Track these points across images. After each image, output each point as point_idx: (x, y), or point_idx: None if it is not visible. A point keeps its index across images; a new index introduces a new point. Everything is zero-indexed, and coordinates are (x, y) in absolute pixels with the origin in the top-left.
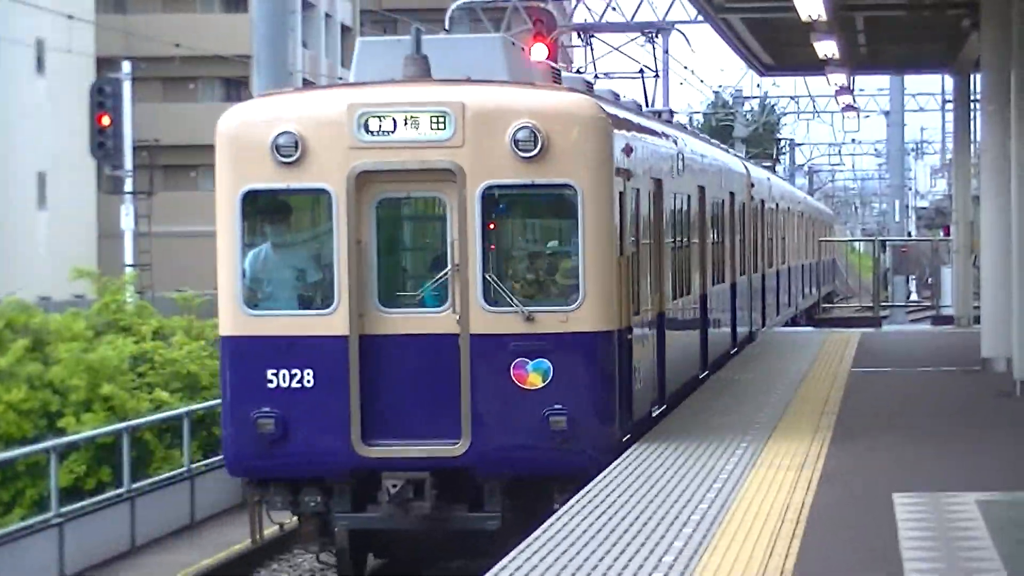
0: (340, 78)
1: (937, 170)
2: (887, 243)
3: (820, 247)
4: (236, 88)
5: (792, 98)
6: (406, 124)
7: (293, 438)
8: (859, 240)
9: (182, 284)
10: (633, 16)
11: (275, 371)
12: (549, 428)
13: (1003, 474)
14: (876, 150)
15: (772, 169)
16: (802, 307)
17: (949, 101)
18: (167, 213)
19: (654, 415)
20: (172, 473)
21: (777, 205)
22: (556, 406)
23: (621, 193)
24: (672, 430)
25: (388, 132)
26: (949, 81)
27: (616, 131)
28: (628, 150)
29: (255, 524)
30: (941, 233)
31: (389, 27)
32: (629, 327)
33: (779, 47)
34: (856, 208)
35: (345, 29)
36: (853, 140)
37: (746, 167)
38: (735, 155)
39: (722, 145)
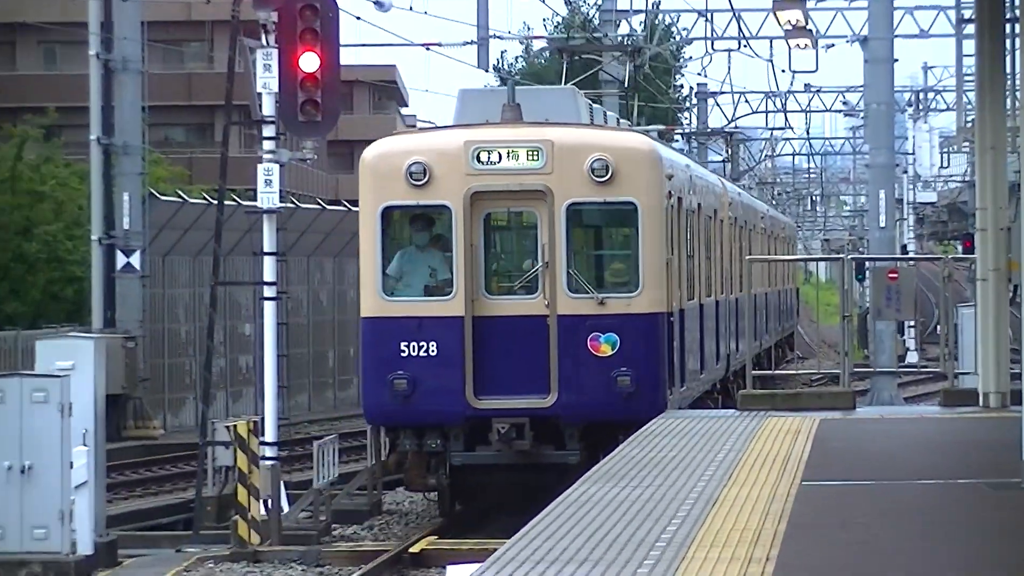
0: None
1: (951, 138)
2: (865, 264)
3: (774, 271)
4: None
5: (702, 14)
6: (508, 156)
7: (420, 394)
8: (817, 259)
9: None
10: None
11: (407, 343)
12: (616, 386)
13: None
14: (846, 103)
15: (666, 139)
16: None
17: (967, 21)
18: None
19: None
20: None
21: (747, 222)
22: (622, 369)
23: (667, 209)
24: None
25: (495, 162)
26: None
27: (663, 161)
28: (669, 176)
29: (379, 457)
30: (959, 248)
31: None
32: (671, 312)
33: None
34: (813, 203)
35: None
36: (807, 87)
37: (723, 183)
38: (712, 172)
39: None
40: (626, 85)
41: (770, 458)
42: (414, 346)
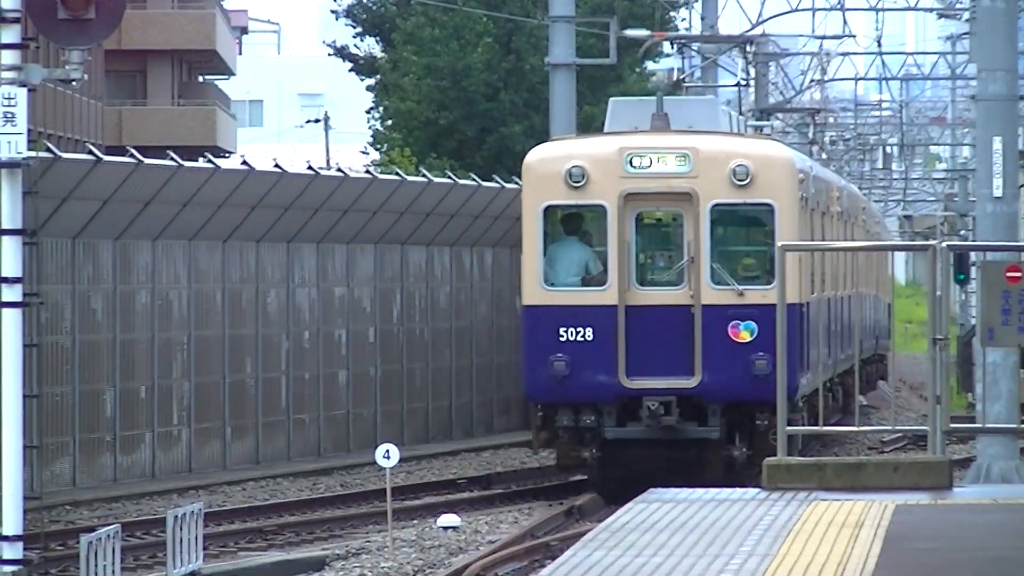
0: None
1: None
2: (969, 256)
3: (851, 271)
4: None
5: None
6: (658, 161)
7: (577, 375)
8: (891, 247)
9: None
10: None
11: (565, 329)
12: (754, 369)
13: None
14: None
15: (652, 52)
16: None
17: None
18: None
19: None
20: None
21: (851, 215)
22: (759, 354)
23: (800, 209)
24: None
25: (646, 167)
26: None
27: (797, 166)
28: (802, 180)
29: (537, 437)
30: None
31: None
32: (803, 304)
33: None
34: (887, 158)
35: None
36: None
37: (829, 175)
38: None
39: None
40: (741, 81)
41: (812, 570)
42: (572, 331)
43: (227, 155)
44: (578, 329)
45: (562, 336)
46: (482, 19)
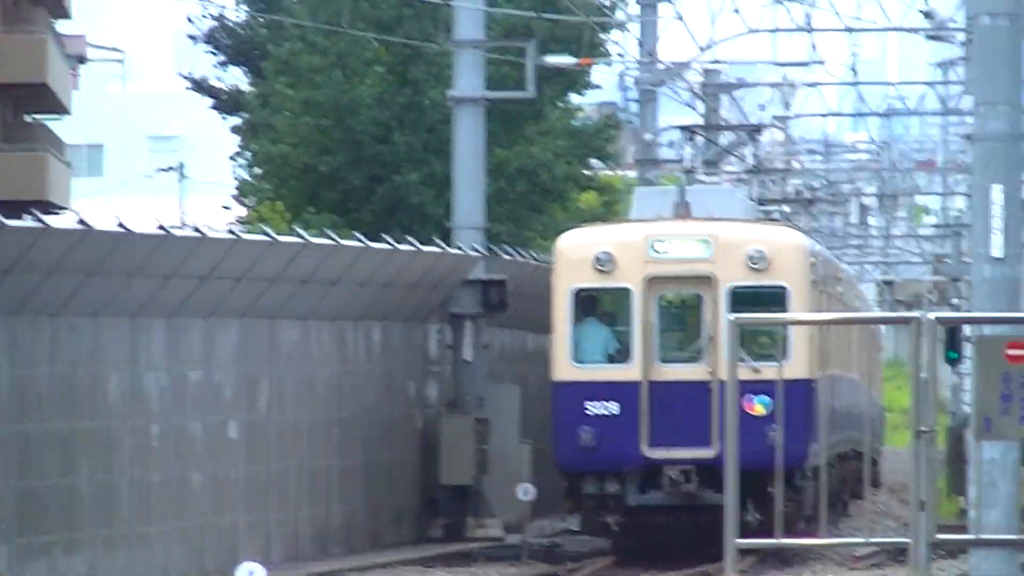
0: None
1: None
2: (961, 330)
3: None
4: None
5: None
6: (680, 247)
7: (603, 446)
8: (867, 320)
9: None
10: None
11: (592, 402)
12: (768, 440)
13: None
14: (929, 16)
15: (579, 83)
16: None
17: None
18: None
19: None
20: None
21: (847, 296)
22: (773, 426)
23: (811, 292)
24: None
25: (668, 252)
26: None
27: (809, 252)
28: (813, 264)
29: (574, 504)
30: None
31: None
32: (814, 380)
33: None
34: (864, 211)
35: None
36: None
37: (832, 257)
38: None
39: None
40: (755, 167)
41: None
42: (598, 405)
43: (59, 211)
44: (604, 403)
45: (588, 410)
46: (372, 44)
